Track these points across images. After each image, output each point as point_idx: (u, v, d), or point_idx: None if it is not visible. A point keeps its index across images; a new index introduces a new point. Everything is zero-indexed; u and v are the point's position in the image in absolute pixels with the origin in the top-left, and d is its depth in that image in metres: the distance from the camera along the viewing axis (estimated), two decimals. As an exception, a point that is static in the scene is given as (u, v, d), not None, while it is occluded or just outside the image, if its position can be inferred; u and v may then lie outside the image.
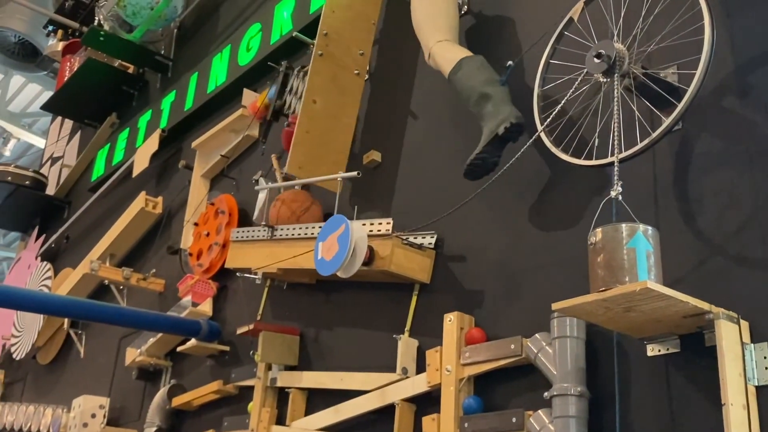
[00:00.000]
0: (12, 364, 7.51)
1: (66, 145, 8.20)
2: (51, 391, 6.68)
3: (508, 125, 2.92)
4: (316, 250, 3.45)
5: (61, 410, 5.65)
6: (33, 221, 8.19)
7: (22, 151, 14.60)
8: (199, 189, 5.38)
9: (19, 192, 7.77)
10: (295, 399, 3.80)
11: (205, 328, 4.56)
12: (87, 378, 6.08)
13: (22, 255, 8.08)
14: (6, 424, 6.41)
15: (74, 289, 6.00)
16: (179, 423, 4.72)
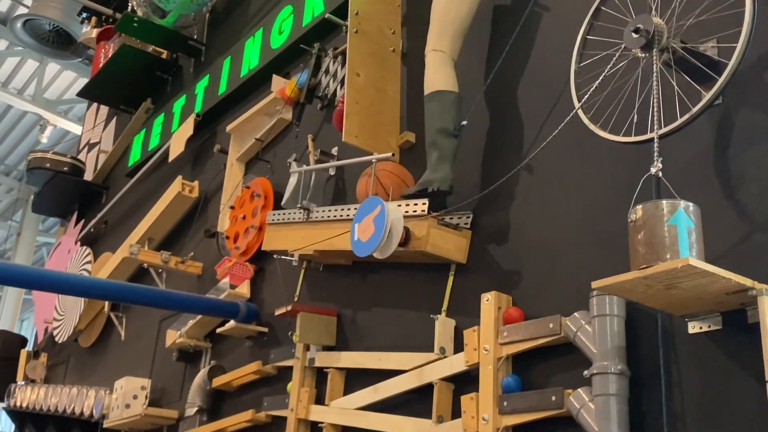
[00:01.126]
0: (54, 347, 7.67)
1: (102, 131, 8.31)
2: (93, 374, 6.82)
3: (435, 188, 3.30)
4: (353, 232, 3.47)
5: (103, 392, 5.76)
6: (72, 207, 8.33)
7: (59, 138, 14.82)
8: (235, 173, 5.42)
9: (57, 178, 7.90)
10: (333, 379, 3.84)
11: (244, 310, 4.61)
12: (128, 360, 6.20)
13: (62, 240, 8.22)
14: (50, 406, 6.55)
15: (114, 273, 6.11)
16: (220, 403, 4.79)
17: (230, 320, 4.63)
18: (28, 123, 14.98)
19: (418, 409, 3.34)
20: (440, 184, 3.28)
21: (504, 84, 3.51)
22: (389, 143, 3.87)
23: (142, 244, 5.91)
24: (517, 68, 3.48)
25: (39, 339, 8.08)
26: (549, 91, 3.27)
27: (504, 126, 3.46)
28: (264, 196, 4.79)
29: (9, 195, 17.60)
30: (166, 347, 5.31)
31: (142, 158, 6.94)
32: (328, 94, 4.67)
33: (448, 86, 3.41)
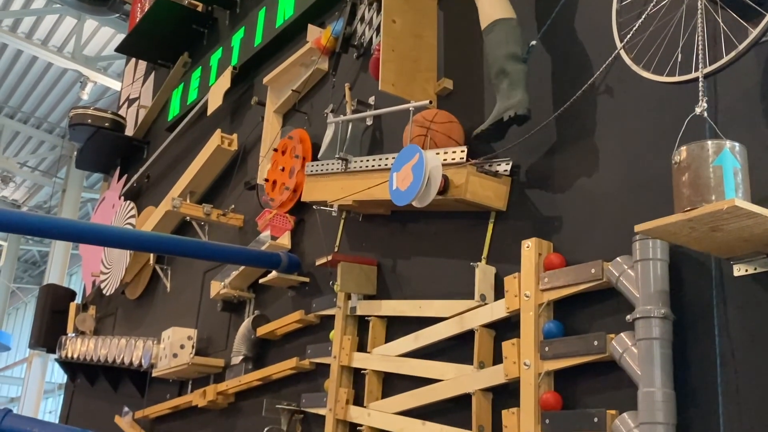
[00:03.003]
0: (102, 299, 7.87)
1: (141, 86, 8.36)
2: (140, 325, 6.99)
3: (512, 114, 3.10)
4: (391, 181, 3.46)
5: (151, 342, 5.91)
6: (114, 162, 8.45)
7: (100, 94, 14.99)
8: (273, 124, 5.43)
9: (99, 134, 8.00)
10: (375, 327, 3.88)
11: (285, 261, 4.66)
12: (174, 311, 6.33)
13: (105, 195, 8.36)
14: (100, 356, 6.75)
15: (157, 227, 6.21)
16: (264, 352, 4.88)
17: (272, 271, 4.69)
18: (68, 80, 15.16)
19: (459, 356, 3.37)
20: (517, 109, 3.11)
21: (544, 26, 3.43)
22: (426, 90, 3.83)
23: (184, 197, 5.98)
24: (559, 10, 3.40)
25: (87, 292, 8.28)
26: (591, 33, 3.20)
27: (544, 71, 3.39)
28: (302, 157, 4.78)
29: (53, 152, 17.93)
30: (210, 298, 5.40)
31: (181, 112, 6.98)
32: (364, 42, 4.63)
33: (507, 14, 3.30)
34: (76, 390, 8.09)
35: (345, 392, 3.89)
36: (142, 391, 6.19)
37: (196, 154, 6.16)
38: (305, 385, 4.37)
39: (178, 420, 5.75)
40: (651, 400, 2.43)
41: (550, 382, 2.89)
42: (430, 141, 3.53)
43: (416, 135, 3.61)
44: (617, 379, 2.67)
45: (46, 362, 16.38)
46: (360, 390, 3.88)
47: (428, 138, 3.54)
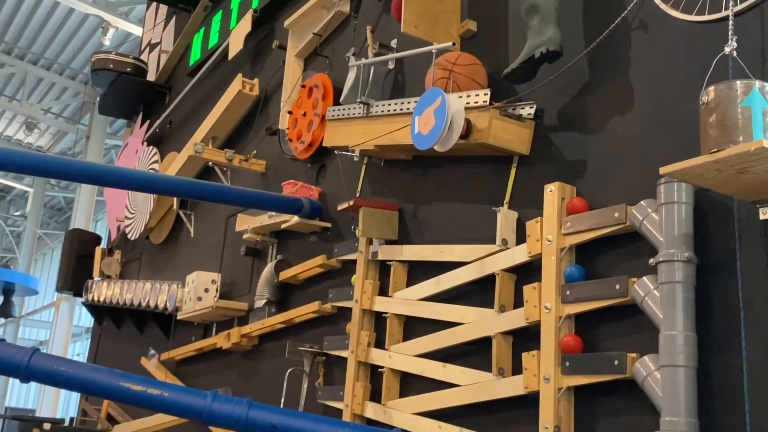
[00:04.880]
0: (127, 244, 7.97)
1: (162, 31, 8.32)
2: (165, 269, 7.08)
3: (544, 51, 3.02)
4: (413, 125, 3.43)
5: (176, 286, 5.99)
6: (137, 107, 8.46)
7: (121, 40, 14.94)
8: (294, 69, 5.39)
9: (121, 79, 8.00)
10: (396, 271, 3.90)
11: (307, 206, 4.67)
12: (198, 256, 6.40)
13: (128, 141, 8.39)
14: (126, 300, 6.86)
15: (180, 172, 6.23)
16: (287, 295, 4.94)
17: (294, 216, 4.70)
18: (90, 26, 15.12)
19: (480, 300, 3.38)
20: (549, 45, 3.04)
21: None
22: (449, 32, 3.78)
23: (206, 142, 5.99)
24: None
25: (112, 237, 8.39)
26: (618, -28, 3.11)
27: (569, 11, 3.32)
28: (323, 86, 4.76)
29: (76, 99, 17.99)
30: (236, 230, 5.44)
31: (202, 57, 6.95)
32: (389, -18, 4.55)
33: None
34: (103, 333, 8.26)
35: (366, 335, 3.94)
36: (167, 334, 6.30)
37: (218, 99, 6.14)
38: (327, 328, 4.43)
39: (202, 362, 5.86)
40: (672, 343, 2.43)
41: (570, 325, 2.90)
42: (453, 84, 3.48)
43: (439, 78, 3.57)
44: (638, 322, 2.68)
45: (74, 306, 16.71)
46: (381, 333, 3.93)
47: (451, 81, 3.50)
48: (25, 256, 20.42)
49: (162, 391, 2.84)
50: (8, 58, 16.61)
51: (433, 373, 3.49)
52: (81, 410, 7.78)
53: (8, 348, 2.92)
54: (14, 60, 16.68)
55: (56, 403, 16.09)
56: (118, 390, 2.86)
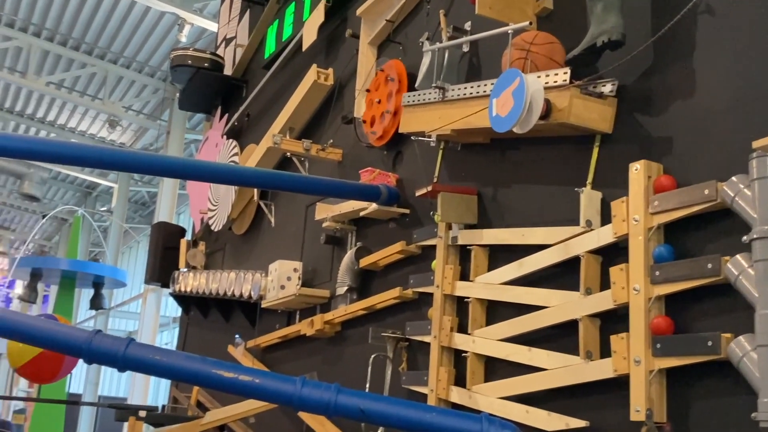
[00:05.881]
0: (210, 235, 8.17)
1: (237, 25, 8.46)
2: (248, 259, 7.23)
3: (606, 40, 2.99)
4: (491, 107, 3.40)
5: (259, 275, 6.12)
6: (215, 102, 8.64)
7: (197, 36, 15.27)
8: (368, 57, 5.41)
9: (199, 74, 8.18)
10: (477, 256, 3.88)
11: (385, 193, 4.69)
12: (279, 245, 6.51)
13: (208, 135, 8.58)
14: (211, 289, 7.04)
15: (259, 164, 6.35)
16: (367, 282, 4.98)
17: (373, 203, 4.73)
18: (166, 24, 15.49)
19: (564, 282, 3.34)
20: (611, 34, 3.02)
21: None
22: (525, 12, 3.72)
23: (284, 133, 6.08)
24: None
25: (196, 229, 8.61)
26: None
27: (650, -16, 3.23)
28: (398, 80, 4.77)
29: (155, 95, 18.49)
30: (315, 220, 5.50)
31: (277, 49, 7.04)
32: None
33: None
34: (191, 322, 8.50)
35: (449, 320, 3.94)
36: (252, 322, 6.45)
37: (294, 90, 6.22)
38: (409, 313, 4.45)
39: (287, 348, 5.98)
40: (770, 323, 2.35)
41: (660, 306, 2.84)
42: (531, 64, 3.43)
43: (516, 59, 3.52)
44: (731, 302, 2.60)
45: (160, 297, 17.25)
46: (463, 318, 3.92)
47: (528, 61, 3.45)
48: (112, 250, 21.17)
49: (253, 378, 2.91)
50: (90, 58, 17.19)
51: (519, 357, 3.47)
52: (172, 398, 8.05)
53: (105, 339, 3.04)
54: (95, 60, 17.25)
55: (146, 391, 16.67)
56: (211, 377, 2.94)
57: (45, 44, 16.74)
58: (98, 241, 25.73)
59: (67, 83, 18.41)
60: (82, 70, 17.58)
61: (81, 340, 3.00)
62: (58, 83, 18.17)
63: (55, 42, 16.80)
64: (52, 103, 19.97)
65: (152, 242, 8.70)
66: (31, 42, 16.61)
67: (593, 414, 3.10)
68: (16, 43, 16.67)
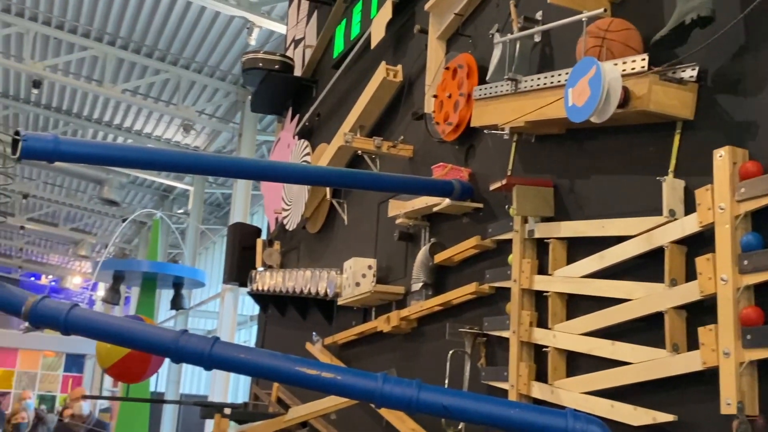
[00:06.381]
0: (285, 234, 8.29)
1: (305, 26, 8.55)
2: (322, 257, 7.31)
3: (695, 16, 2.87)
4: (566, 97, 3.35)
5: (334, 273, 6.17)
6: (286, 103, 8.75)
7: (265, 39, 15.50)
8: (437, 52, 5.39)
9: (270, 77, 8.30)
10: (555, 249, 3.83)
11: (458, 188, 4.67)
12: (353, 242, 6.56)
13: (280, 135, 8.71)
14: (288, 288, 7.15)
15: (331, 162, 6.41)
16: (442, 278, 4.97)
17: (446, 198, 4.72)
18: (235, 28, 15.78)
19: (647, 274, 3.26)
20: (700, 11, 2.91)
21: None
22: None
23: (355, 132, 6.11)
24: None
25: (271, 229, 8.75)
26: None
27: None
28: (467, 66, 4.73)
29: (227, 99, 18.87)
30: (388, 217, 5.52)
31: (345, 48, 7.08)
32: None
33: None
34: (268, 320, 8.65)
35: (528, 315, 3.89)
36: (329, 319, 6.52)
37: (363, 88, 6.25)
38: (486, 308, 4.42)
39: (364, 345, 6.02)
40: None
41: (749, 296, 2.74)
42: (607, 51, 3.36)
43: (591, 47, 3.45)
44: (828, 291, 2.49)
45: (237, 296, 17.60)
46: (542, 312, 3.87)
47: (604, 49, 3.37)
48: (190, 251, 21.70)
49: (335, 375, 2.94)
50: (163, 65, 17.65)
51: (602, 351, 3.40)
52: (253, 395, 8.21)
53: (192, 338, 3.12)
54: (168, 66, 17.70)
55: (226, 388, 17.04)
56: (294, 374, 2.98)
57: (120, 53, 17.27)
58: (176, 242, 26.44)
59: (142, 90, 18.94)
60: (156, 77, 18.06)
61: (168, 340, 3.08)
62: (134, 90, 18.72)
63: (129, 50, 17.32)
64: (128, 109, 20.59)
65: (229, 243, 8.88)
66: (106, 51, 17.15)
67: (681, 408, 3.03)
68: (92, 53, 17.24)
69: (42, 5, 16.05)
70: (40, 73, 17.38)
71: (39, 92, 18.78)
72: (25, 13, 16.46)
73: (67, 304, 3.23)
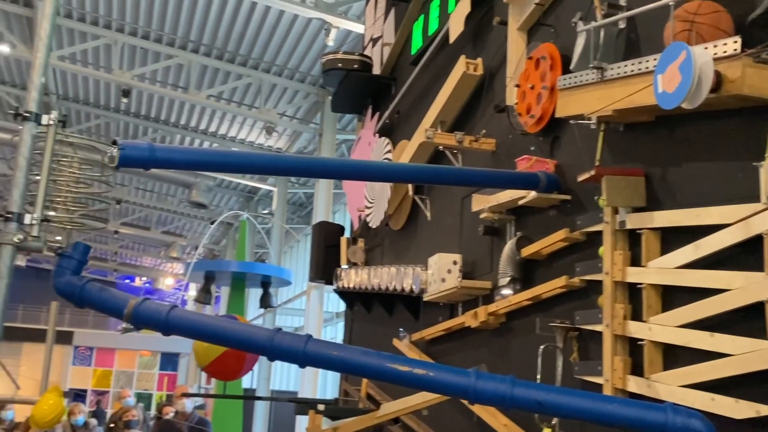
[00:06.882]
0: (369, 232, 8.35)
1: (383, 24, 8.58)
2: (406, 253, 7.33)
3: None
4: (656, 84, 3.27)
5: (419, 269, 6.18)
6: (365, 101, 8.82)
7: (343, 39, 15.65)
8: (517, 43, 5.33)
9: (349, 76, 8.38)
10: (648, 239, 3.73)
11: (544, 180, 4.60)
12: (436, 238, 6.56)
13: (361, 134, 8.78)
14: (373, 285, 7.19)
15: (412, 159, 6.42)
16: (530, 272, 4.91)
17: (531, 191, 4.66)
18: (313, 30, 15.98)
19: (745, 263, 3.15)
20: None
21: None
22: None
23: (435, 127, 6.10)
24: None
25: (354, 226, 8.83)
26: None
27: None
28: (550, 57, 4.66)
29: (307, 100, 19.14)
30: (472, 211, 5.49)
31: (424, 44, 7.08)
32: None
33: None
34: (355, 317, 8.74)
35: (621, 308, 3.81)
36: (415, 315, 6.54)
37: (442, 83, 6.23)
38: (577, 302, 4.35)
39: (451, 341, 6.01)
40: None
41: None
42: (696, 35, 3.26)
43: (679, 31, 3.35)
44: None
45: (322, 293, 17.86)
46: (636, 305, 3.79)
47: (693, 33, 3.27)
48: (276, 250, 22.12)
49: (427, 371, 2.96)
50: (244, 69, 18.04)
51: (700, 344, 3.31)
52: (343, 391, 8.31)
53: (286, 336, 3.18)
54: (250, 70, 18.08)
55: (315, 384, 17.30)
56: (387, 371, 3.01)
57: (203, 59, 17.74)
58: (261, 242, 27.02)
59: (226, 95, 19.41)
60: (238, 81, 18.48)
61: (264, 339, 3.16)
62: (218, 95, 19.20)
63: (212, 56, 17.77)
64: (212, 114, 21.14)
65: (314, 241, 9.01)
66: (190, 58, 17.65)
67: (788, 402, 2.91)
68: (177, 61, 17.77)
69: (128, 16, 16.63)
70: (129, 83, 18.03)
71: (128, 101, 19.47)
72: (112, 24, 17.10)
73: (166, 305, 3.35)
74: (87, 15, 16.88)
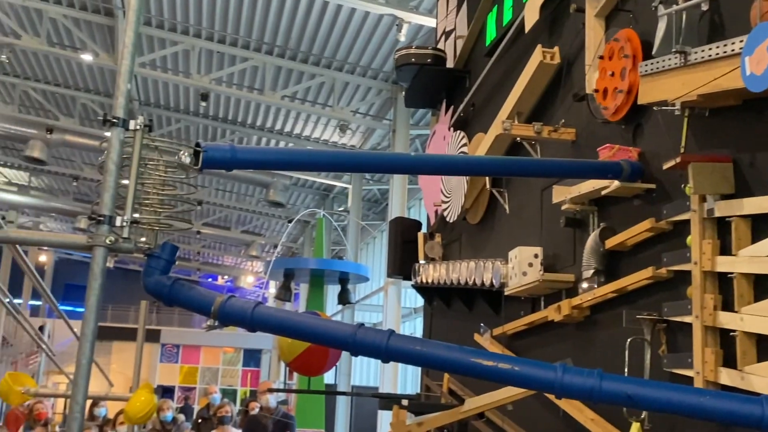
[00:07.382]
0: (446, 226, 8.32)
1: (456, 17, 8.53)
2: (485, 247, 7.27)
3: None
4: (743, 66, 3.16)
5: (499, 263, 6.12)
6: (439, 95, 8.78)
7: (415, 34, 15.63)
8: (595, 29, 5.21)
9: (423, 71, 8.36)
10: (738, 227, 3.61)
11: (627, 169, 4.50)
12: (516, 231, 6.48)
13: (435, 128, 8.74)
14: (452, 279, 7.17)
15: (489, 152, 6.36)
16: (615, 263, 4.80)
17: (614, 181, 4.56)
18: (384, 26, 16.01)
19: None
20: None
21: None
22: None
23: (512, 119, 6.03)
24: None
25: (431, 222, 8.81)
26: None
27: None
28: (632, 55, 4.53)
29: (379, 96, 19.21)
30: (552, 203, 5.41)
31: (498, 35, 7.00)
32: None
33: None
34: (434, 312, 8.72)
35: (711, 298, 3.69)
36: (496, 310, 6.48)
37: (518, 74, 6.15)
38: (664, 293, 4.23)
39: (533, 335, 5.94)
40: None
41: None
42: None
43: (767, 11, 3.22)
44: None
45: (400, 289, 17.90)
46: (727, 295, 3.66)
47: None
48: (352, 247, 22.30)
49: (512, 366, 2.93)
50: (317, 69, 18.23)
51: (798, 335, 3.18)
52: (424, 386, 8.32)
53: (368, 332, 3.20)
54: (323, 70, 18.26)
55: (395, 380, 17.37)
56: (471, 366, 2.99)
57: (278, 60, 18.00)
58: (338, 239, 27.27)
59: (299, 95, 19.66)
60: (311, 81, 18.69)
61: (347, 334, 3.18)
62: (292, 95, 19.45)
63: (286, 57, 18.02)
64: (287, 114, 21.44)
65: (391, 237, 9.03)
66: (265, 60, 17.94)
67: None
68: (252, 63, 18.09)
69: (205, 21, 17.02)
70: (207, 86, 18.46)
71: (206, 104, 19.94)
72: (189, 30, 17.53)
73: (251, 302, 3.42)
74: (165, 22, 17.35)
